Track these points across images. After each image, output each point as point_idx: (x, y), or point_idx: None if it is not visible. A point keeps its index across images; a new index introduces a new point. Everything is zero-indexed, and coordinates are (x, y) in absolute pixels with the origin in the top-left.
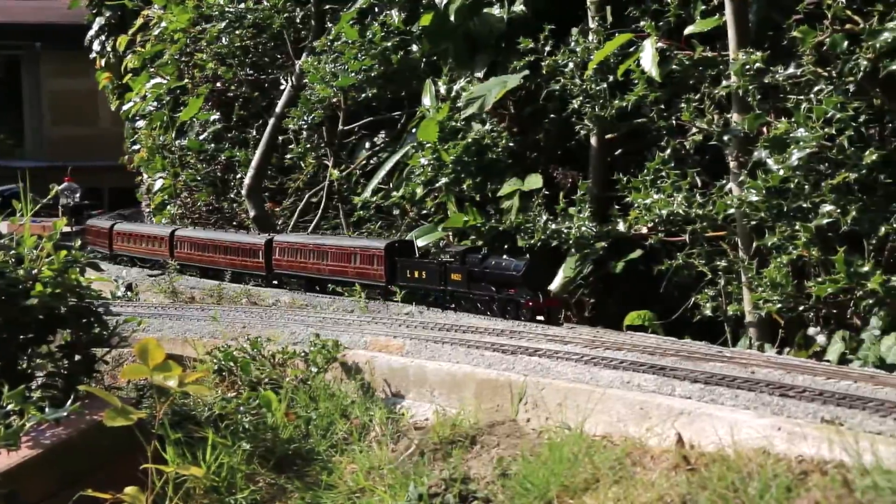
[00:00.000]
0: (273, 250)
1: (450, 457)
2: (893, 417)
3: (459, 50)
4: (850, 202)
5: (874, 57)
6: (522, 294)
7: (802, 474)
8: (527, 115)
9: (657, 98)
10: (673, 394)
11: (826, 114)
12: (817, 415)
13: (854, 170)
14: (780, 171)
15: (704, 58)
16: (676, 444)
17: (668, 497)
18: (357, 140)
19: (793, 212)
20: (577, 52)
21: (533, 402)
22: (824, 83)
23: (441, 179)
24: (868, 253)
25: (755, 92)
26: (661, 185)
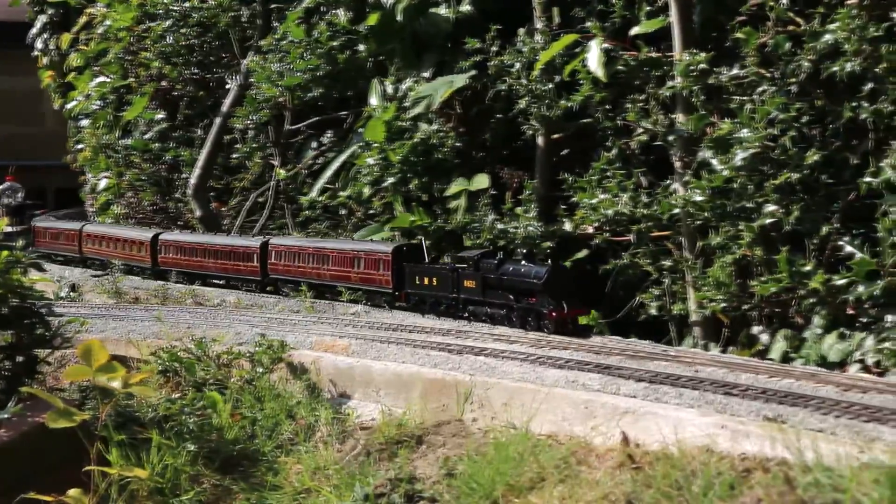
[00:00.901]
0: (269, 254)
1: (396, 457)
2: (834, 415)
3: (406, 50)
4: (793, 202)
5: (816, 58)
6: (545, 303)
7: (745, 472)
8: (474, 115)
9: (603, 98)
10: (618, 393)
11: (769, 114)
12: (760, 413)
13: (796, 170)
14: (724, 172)
15: (650, 58)
16: (621, 443)
17: (613, 495)
18: (303, 140)
19: (736, 212)
20: (523, 52)
21: (479, 401)
22: (767, 84)
23: (388, 179)
24: (810, 252)
25: (699, 92)
26: (607, 185)
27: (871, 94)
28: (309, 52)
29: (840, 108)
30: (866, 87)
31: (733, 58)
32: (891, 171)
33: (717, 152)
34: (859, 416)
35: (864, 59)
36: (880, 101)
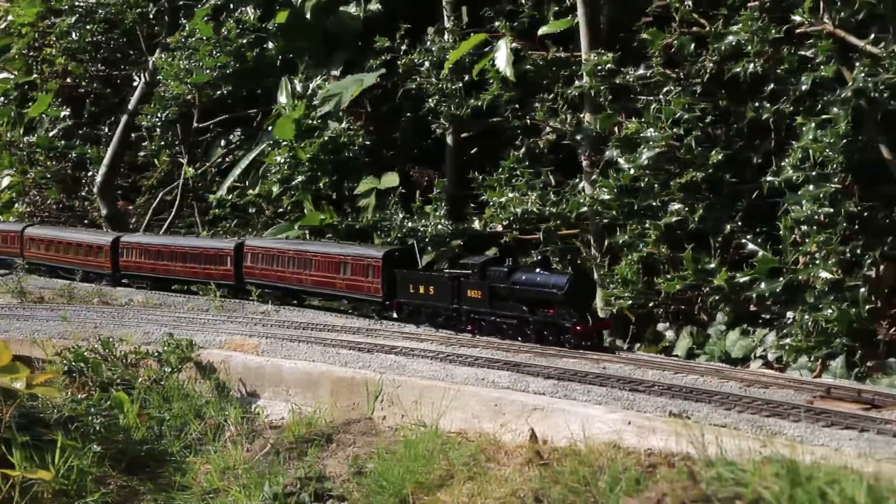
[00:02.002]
0: (244, 256)
1: (305, 455)
2: (737, 410)
3: (315, 48)
4: (698, 201)
5: (719, 59)
6: (566, 315)
7: (651, 467)
8: (383, 114)
9: (511, 98)
10: (527, 390)
11: (674, 114)
12: (666, 409)
13: (701, 169)
14: (631, 171)
15: (558, 58)
16: (530, 440)
17: (521, 492)
18: (212, 138)
19: (643, 210)
20: (432, 51)
21: (389, 399)
22: (672, 84)
23: (297, 177)
24: (714, 250)
25: (606, 92)
26: (516, 183)
27: (772, 95)
28: (217, 49)
29: (743, 108)
30: (768, 88)
31: (639, 58)
32: (792, 170)
33: (624, 151)
34: (761, 411)
35: (765, 60)
36: (781, 102)
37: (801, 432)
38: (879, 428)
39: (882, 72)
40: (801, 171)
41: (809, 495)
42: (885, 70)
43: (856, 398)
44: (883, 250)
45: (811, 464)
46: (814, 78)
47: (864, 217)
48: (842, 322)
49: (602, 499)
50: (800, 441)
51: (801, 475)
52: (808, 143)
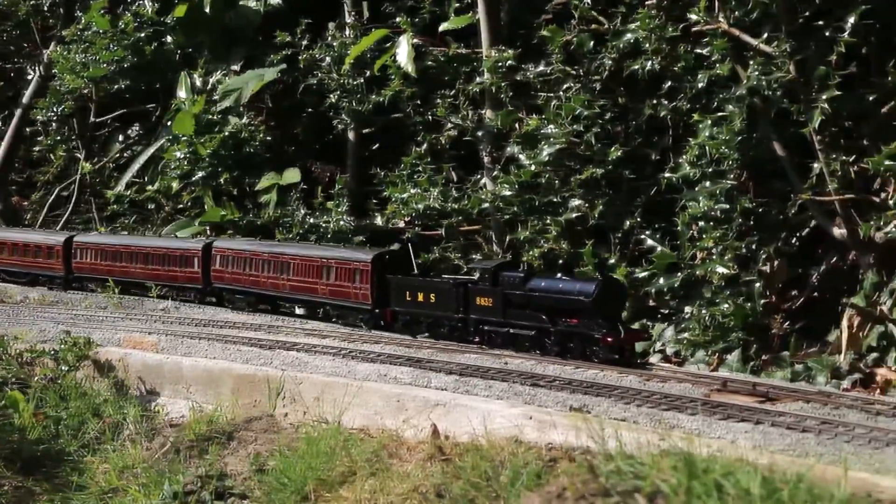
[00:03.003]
0: (213, 259)
1: (206, 454)
2: (636, 404)
3: (215, 42)
4: (597, 197)
5: (618, 57)
6: (594, 326)
7: (552, 461)
8: (284, 109)
9: (413, 94)
10: (429, 385)
11: (574, 111)
12: (566, 403)
13: (600, 166)
14: (532, 167)
15: (458, 54)
16: (432, 435)
17: (423, 487)
18: (110, 133)
19: (544, 206)
20: (333, 46)
21: (291, 396)
22: (572, 81)
23: (197, 173)
24: (614, 246)
25: (507, 89)
26: (418, 179)
27: (669, 93)
28: (114, 43)
29: (641, 105)
30: (665, 86)
31: (539, 55)
32: (688, 167)
33: (525, 148)
34: (659, 404)
35: (662, 58)
36: (678, 100)
37: (698, 425)
38: (773, 420)
39: (775, 70)
40: (697, 168)
41: (706, 487)
42: (777, 69)
43: (751, 391)
44: (776, 246)
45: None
46: (710, 76)
47: (759, 213)
48: (737, 316)
49: (503, 493)
50: (697, 434)
51: (697, 467)
52: (705, 140)
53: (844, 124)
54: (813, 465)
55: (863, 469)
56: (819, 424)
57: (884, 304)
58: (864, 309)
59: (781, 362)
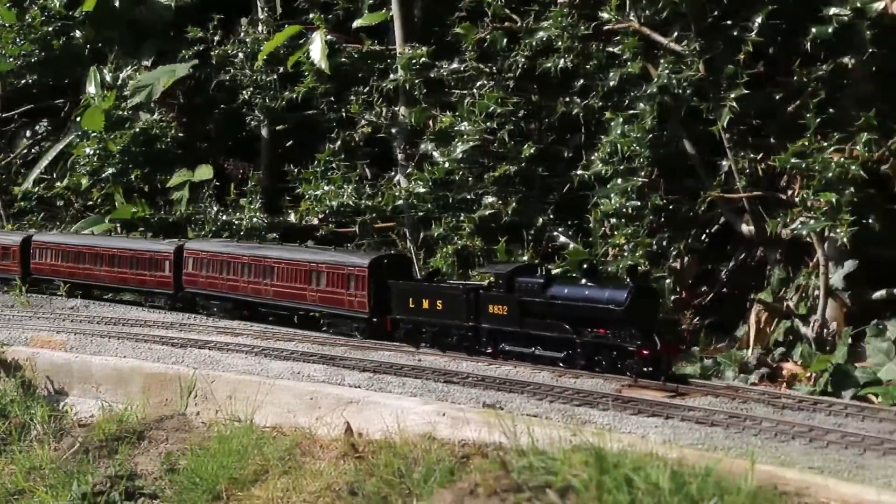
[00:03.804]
0: (185, 262)
1: (116, 453)
2: (549, 400)
3: (125, 37)
4: (511, 194)
5: (531, 54)
6: (627, 337)
7: (465, 458)
8: (196, 106)
9: (327, 90)
10: (342, 383)
11: (487, 108)
12: (479, 400)
13: (514, 163)
14: (445, 164)
15: (372, 51)
16: (345, 433)
17: (336, 485)
18: (17, 128)
19: (457, 203)
20: (246, 42)
21: (203, 395)
22: (486, 78)
23: (108, 170)
24: (527, 243)
25: (421, 86)
26: (331, 176)
27: (582, 90)
28: (21, 37)
29: (554, 103)
30: (578, 84)
31: (453, 52)
32: (601, 164)
33: (439, 145)
34: (572, 400)
35: (574, 56)
36: (590, 97)
37: (609, 420)
38: (683, 415)
39: (684, 69)
40: (609, 165)
41: (616, 482)
42: (687, 67)
43: (661, 386)
44: (686, 243)
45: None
46: (621, 74)
47: (669, 210)
48: None
49: (416, 490)
50: (608, 429)
51: (608, 462)
52: (616, 138)
53: (752, 123)
54: (721, 458)
55: (769, 462)
56: (727, 418)
57: (790, 300)
58: (771, 304)
59: (691, 358)
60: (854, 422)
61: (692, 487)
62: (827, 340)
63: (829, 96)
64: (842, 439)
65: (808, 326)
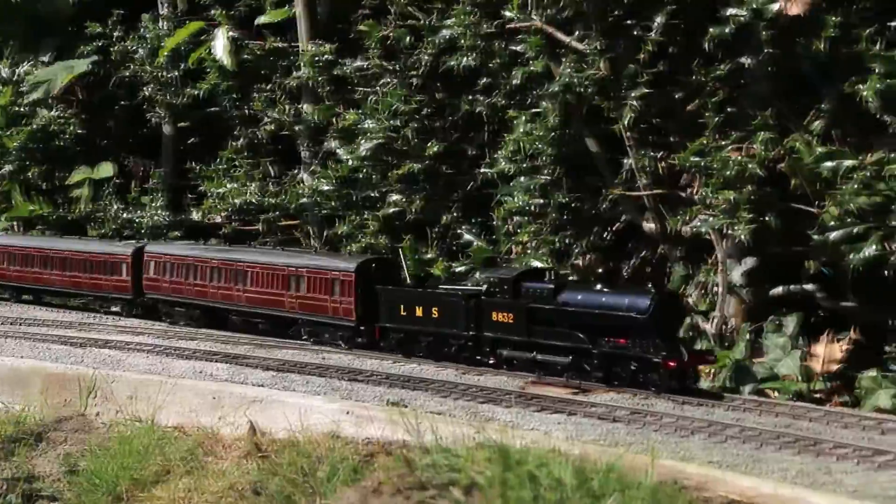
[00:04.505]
0: (146, 265)
1: (13, 455)
2: (453, 398)
3: (23, 32)
4: (416, 192)
5: (435, 52)
6: (651, 347)
7: (369, 456)
8: (97, 102)
9: (230, 87)
10: (246, 382)
11: (392, 106)
12: (384, 398)
13: (418, 161)
14: (350, 162)
15: (276, 48)
16: (249, 432)
17: (240, 485)
18: None
19: (362, 201)
20: (147, 38)
21: (103, 395)
22: (390, 76)
23: (4, 167)
24: (432, 241)
25: (325, 83)
26: (235, 174)
27: (486, 89)
28: None
29: (458, 101)
30: (481, 82)
31: (358, 50)
32: (504, 162)
33: (343, 142)
34: (476, 397)
35: (478, 54)
36: (494, 95)
37: (513, 417)
38: (586, 411)
39: (587, 68)
40: (513, 163)
41: (520, 479)
42: (589, 66)
43: (565, 383)
44: (589, 240)
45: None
46: (525, 73)
47: (573, 208)
48: None
49: (320, 489)
50: (512, 426)
51: (512, 459)
52: (520, 136)
53: (653, 121)
54: (622, 454)
55: (670, 457)
56: (629, 414)
57: (691, 296)
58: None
59: None
60: (752, 416)
61: (594, 483)
62: (727, 336)
63: (728, 96)
64: (740, 434)
65: (708, 322)
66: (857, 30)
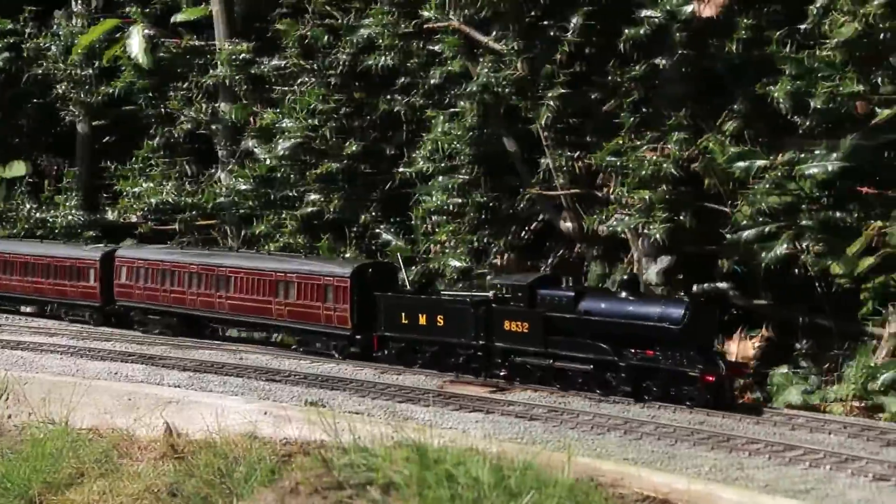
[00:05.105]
0: (117, 271)
1: None
2: (371, 397)
3: None
4: (334, 191)
5: (353, 52)
6: (684, 359)
7: (287, 456)
8: (8, 99)
9: (146, 86)
10: (162, 383)
11: (310, 105)
12: (302, 398)
13: (337, 160)
14: (268, 161)
15: (193, 47)
16: (165, 434)
17: (156, 487)
18: None
19: (280, 200)
20: (60, 35)
21: (16, 397)
22: (308, 75)
23: None
24: (350, 240)
25: (242, 82)
26: (151, 173)
27: (404, 88)
28: None
29: (376, 100)
30: (400, 81)
31: (276, 49)
32: (423, 161)
33: (261, 142)
34: (395, 397)
35: (396, 54)
36: (412, 95)
37: (431, 416)
38: (504, 410)
39: (504, 68)
40: (431, 163)
41: (437, 477)
42: (507, 66)
43: (483, 382)
44: (507, 239)
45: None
46: (442, 72)
47: (491, 207)
48: None
49: (237, 490)
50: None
51: (429, 458)
52: (438, 136)
53: (570, 121)
54: (539, 451)
55: (586, 454)
56: (547, 412)
57: None
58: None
59: None
60: (667, 413)
61: (511, 481)
62: None
63: (643, 96)
64: (655, 431)
65: None
66: (768, 32)
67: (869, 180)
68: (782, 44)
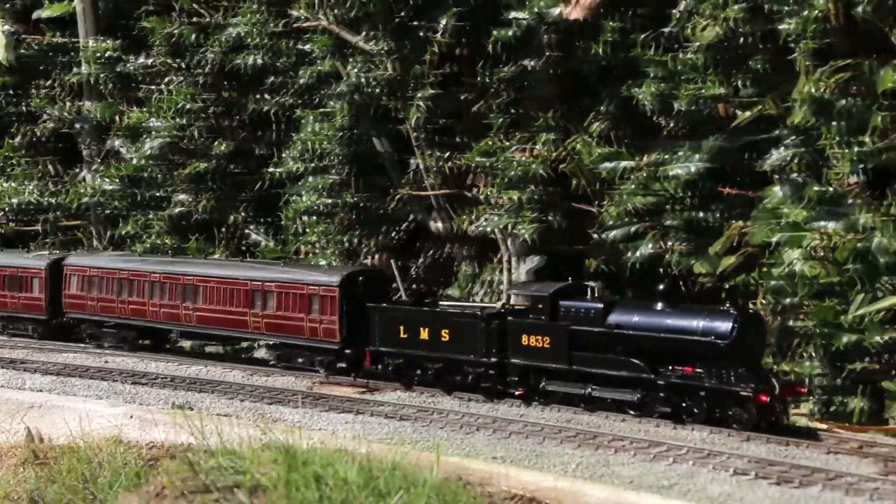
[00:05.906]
0: (66, 280)
1: None
2: (240, 399)
3: None
4: (203, 191)
5: (222, 50)
6: (732, 377)
7: (153, 460)
8: None
9: (6, 83)
10: (23, 387)
11: (178, 104)
12: (169, 400)
13: (206, 160)
14: (135, 161)
15: (56, 43)
16: (26, 439)
17: (16, 494)
18: None
19: (148, 201)
20: None
21: None
22: (176, 74)
23: None
24: (219, 241)
25: (108, 80)
26: (13, 173)
27: (274, 88)
28: None
29: (246, 100)
30: (270, 81)
31: (143, 47)
32: (293, 161)
33: (128, 141)
34: (263, 398)
35: (266, 53)
36: (283, 95)
37: (300, 418)
38: (373, 410)
39: (374, 68)
40: (302, 163)
41: (305, 479)
42: (377, 66)
43: (352, 382)
44: (378, 239)
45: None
46: (312, 72)
47: (362, 207)
48: None
49: (101, 495)
50: (299, 427)
51: (297, 460)
52: (309, 136)
53: (441, 122)
54: (408, 451)
55: (455, 453)
56: (416, 412)
57: (477, 295)
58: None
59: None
60: (535, 412)
61: (380, 482)
62: None
63: (513, 98)
64: (523, 429)
65: None
66: (634, 35)
67: (730, 181)
68: (648, 47)
